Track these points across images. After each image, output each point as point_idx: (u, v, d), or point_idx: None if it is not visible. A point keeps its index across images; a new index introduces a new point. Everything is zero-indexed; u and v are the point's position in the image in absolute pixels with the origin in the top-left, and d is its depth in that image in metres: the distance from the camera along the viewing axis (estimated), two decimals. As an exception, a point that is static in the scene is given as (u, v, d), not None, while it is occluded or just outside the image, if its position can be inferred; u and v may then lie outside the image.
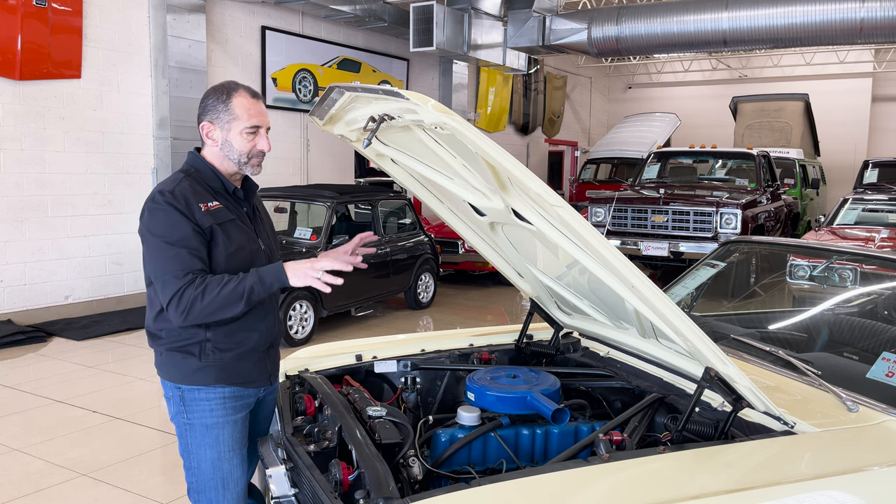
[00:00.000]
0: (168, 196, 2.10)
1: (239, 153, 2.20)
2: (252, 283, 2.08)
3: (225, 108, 2.18)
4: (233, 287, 2.06)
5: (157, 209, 2.10)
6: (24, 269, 7.33)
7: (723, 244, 3.39)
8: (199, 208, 2.12)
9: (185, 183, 2.16)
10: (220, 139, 2.20)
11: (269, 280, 2.10)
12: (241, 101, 2.18)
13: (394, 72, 12.32)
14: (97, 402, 5.15)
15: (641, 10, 10.56)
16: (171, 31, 8.26)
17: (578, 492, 1.66)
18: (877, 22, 9.14)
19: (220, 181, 2.24)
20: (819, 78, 18.27)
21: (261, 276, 2.09)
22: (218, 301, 2.05)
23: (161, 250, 2.08)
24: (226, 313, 2.08)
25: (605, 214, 9.31)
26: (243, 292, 2.06)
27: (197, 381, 2.18)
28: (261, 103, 2.23)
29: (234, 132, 2.18)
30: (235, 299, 2.06)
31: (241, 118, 2.17)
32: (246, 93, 2.20)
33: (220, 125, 2.19)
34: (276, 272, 2.10)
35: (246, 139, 2.19)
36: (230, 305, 2.07)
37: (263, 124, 2.21)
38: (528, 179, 1.75)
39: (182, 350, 2.17)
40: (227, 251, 2.15)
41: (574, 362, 2.78)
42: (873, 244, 7.13)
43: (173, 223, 2.08)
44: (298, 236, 7.25)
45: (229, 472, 2.22)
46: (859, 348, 2.72)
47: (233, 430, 2.22)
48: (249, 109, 2.18)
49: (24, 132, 7.23)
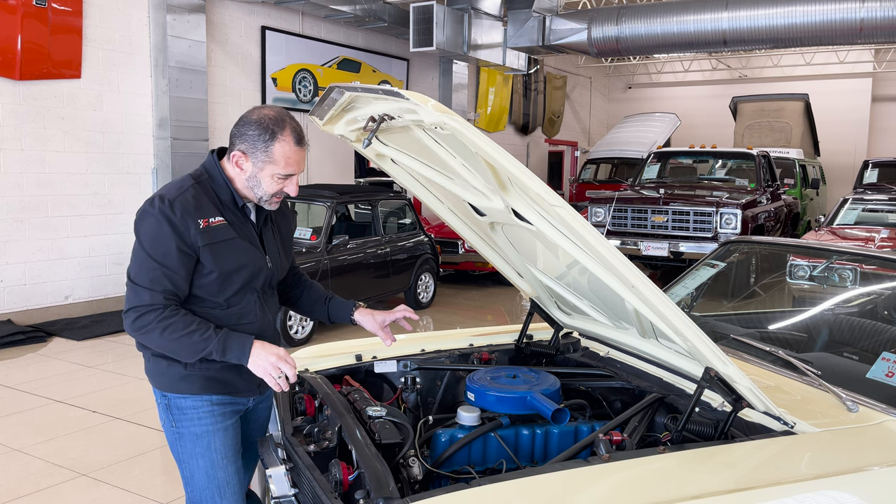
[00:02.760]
0: (166, 205, 2.00)
1: (264, 192, 2.09)
2: (214, 347, 2.01)
3: (265, 148, 2.04)
4: (195, 340, 1.99)
5: (150, 215, 2.01)
6: (24, 269, 7.33)
7: (723, 244, 3.39)
8: (196, 224, 2.01)
9: (189, 193, 2.04)
10: (248, 172, 2.08)
11: (231, 353, 2.02)
12: (283, 149, 2.04)
13: (394, 72, 12.32)
14: (97, 402, 5.15)
15: (641, 10, 10.56)
16: (171, 31, 8.26)
17: (578, 492, 1.66)
18: (877, 22, 9.14)
19: (230, 194, 2.12)
20: (819, 78, 18.27)
21: (224, 346, 2.02)
22: (174, 344, 2.00)
23: (140, 258, 2.01)
24: (174, 355, 2.05)
25: (605, 214, 9.31)
26: (202, 350, 2.01)
27: (182, 390, 2.12)
28: (303, 150, 2.09)
29: (265, 173, 2.06)
30: (191, 352, 2.01)
31: (277, 164, 2.05)
32: (290, 138, 2.05)
33: (253, 160, 2.06)
34: (240, 349, 2.02)
35: (276, 182, 2.08)
36: (183, 353, 2.02)
37: (298, 171, 2.10)
38: (528, 179, 1.75)
39: (167, 357, 2.10)
40: (222, 271, 2.06)
41: (574, 362, 2.78)
42: (873, 244, 7.13)
43: (159, 236, 1.99)
44: (298, 236, 7.25)
45: (225, 480, 2.16)
46: (859, 348, 2.72)
47: (224, 438, 2.16)
48: (289, 158, 2.05)
49: (24, 132, 7.23)
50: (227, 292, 2.11)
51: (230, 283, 2.10)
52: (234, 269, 2.09)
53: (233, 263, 2.09)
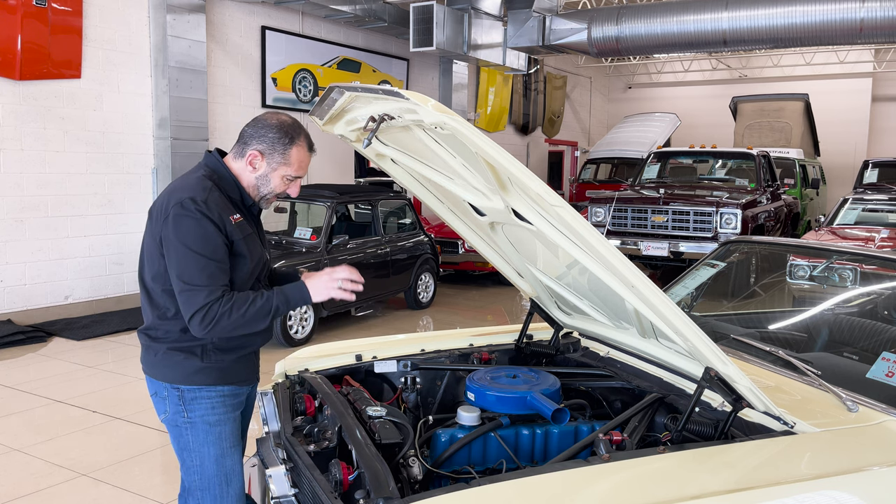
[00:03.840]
0: (202, 206, 2.06)
1: (271, 190, 2.24)
2: (278, 302, 2.12)
3: (283, 150, 2.19)
4: (259, 306, 2.09)
5: (188, 217, 2.05)
6: (24, 269, 7.33)
7: (723, 244, 3.39)
8: (230, 221, 2.13)
9: (216, 193, 2.14)
10: (261, 171, 2.21)
11: (295, 299, 2.15)
12: (299, 154, 2.21)
13: (394, 72, 12.32)
14: (97, 402, 5.15)
15: (641, 10, 10.56)
16: (171, 31, 8.26)
17: (578, 492, 1.66)
18: (877, 22, 9.14)
19: (239, 193, 2.24)
20: (819, 78, 18.27)
21: (287, 296, 2.14)
22: (245, 318, 2.08)
23: (190, 260, 2.04)
24: (249, 330, 2.12)
25: (605, 214, 9.31)
26: (269, 311, 2.11)
27: (197, 382, 2.19)
28: (312, 157, 2.28)
29: (278, 173, 2.21)
30: (262, 318, 2.11)
31: (291, 166, 2.21)
32: (305, 144, 2.23)
33: (268, 161, 2.20)
34: (299, 291, 2.16)
35: (284, 183, 2.24)
36: (255, 323, 2.11)
37: (304, 175, 2.27)
38: (528, 179, 1.75)
39: (184, 350, 2.18)
40: (249, 265, 2.19)
41: (574, 362, 2.78)
42: (873, 244, 7.13)
43: (206, 234, 2.06)
44: (298, 236, 7.25)
45: (231, 468, 2.25)
46: (859, 348, 2.72)
47: (233, 427, 2.26)
48: (302, 162, 2.23)
49: (24, 132, 7.23)
50: (247, 285, 2.22)
51: (251, 275, 2.22)
52: (257, 262, 2.23)
53: (255, 255, 2.23)
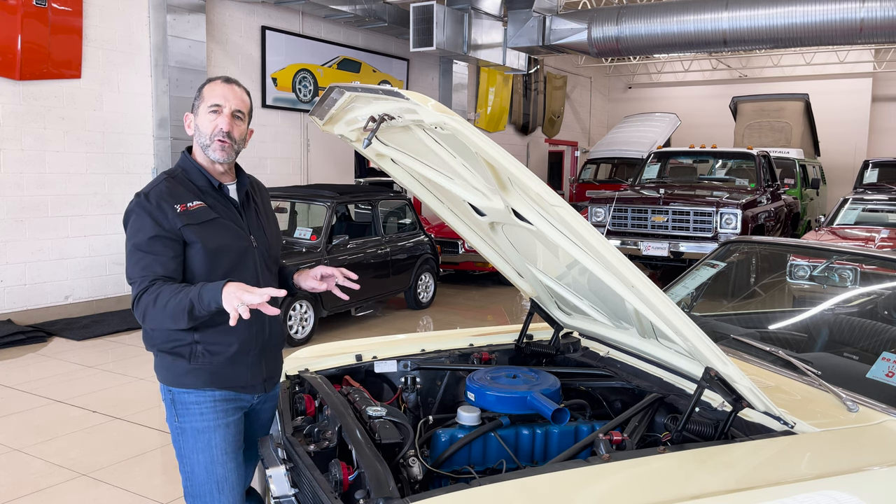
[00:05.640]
0: (142, 199, 2.11)
1: (203, 135, 2.17)
2: (192, 297, 1.98)
3: (198, 94, 2.21)
4: (178, 301, 1.99)
5: (130, 212, 2.13)
6: (24, 269, 7.33)
7: (723, 244, 3.39)
8: (173, 210, 2.10)
9: (163, 185, 2.15)
10: (194, 127, 2.21)
11: (207, 298, 1.96)
12: (211, 85, 2.20)
13: (394, 72, 12.32)
14: (97, 402, 5.15)
15: (641, 10, 10.56)
16: (171, 31, 8.26)
17: (578, 492, 1.66)
18: (877, 22, 9.14)
19: (206, 179, 2.21)
20: (819, 78, 18.27)
21: (200, 293, 1.98)
22: (166, 312, 2.00)
23: (129, 253, 2.10)
24: (173, 325, 2.04)
25: (605, 214, 9.31)
26: (184, 308, 1.98)
27: (187, 384, 2.16)
28: (233, 87, 2.20)
29: (201, 115, 2.19)
30: (179, 313, 1.99)
31: (206, 99, 2.18)
32: (219, 79, 2.22)
33: (194, 114, 2.22)
34: (213, 292, 1.96)
35: (208, 119, 2.17)
36: (175, 318, 2.00)
37: (227, 104, 2.17)
38: (528, 179, 1.75)
39: (172, 352, 2.16)
40: (206, 250, 2.12)
41: (574, 362, 2.78)
42: (873, 244, 7.13)
43: (141, 227, 2.09)
44: (298, 236, 7.25)
45: (223, 476, 2.19)
46: (859, 348, 2.72)
47: (225, 434, 2.19)
48: (215, 90, 2.18)
49: (24, 132, 7.23)
50: (217, 273, 2.14)
51: (218, 262, 2.15)
52: (217, 248, 2.15)
53: (215, 242, 2.15)
